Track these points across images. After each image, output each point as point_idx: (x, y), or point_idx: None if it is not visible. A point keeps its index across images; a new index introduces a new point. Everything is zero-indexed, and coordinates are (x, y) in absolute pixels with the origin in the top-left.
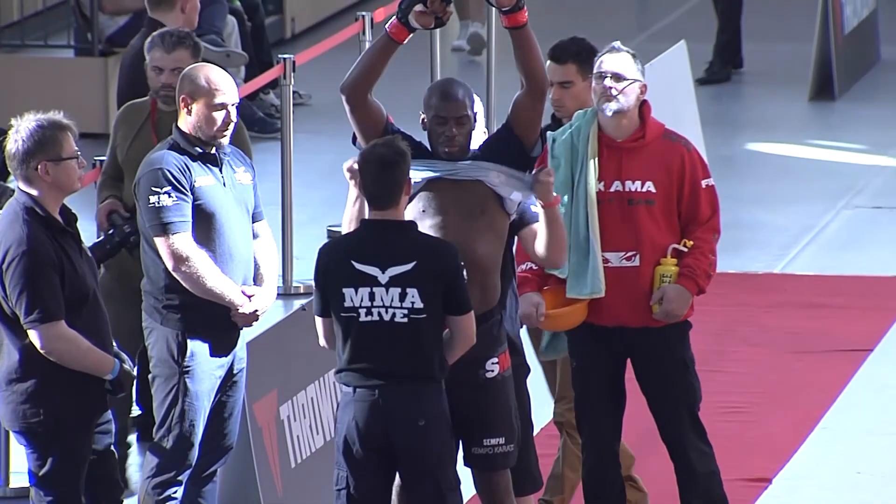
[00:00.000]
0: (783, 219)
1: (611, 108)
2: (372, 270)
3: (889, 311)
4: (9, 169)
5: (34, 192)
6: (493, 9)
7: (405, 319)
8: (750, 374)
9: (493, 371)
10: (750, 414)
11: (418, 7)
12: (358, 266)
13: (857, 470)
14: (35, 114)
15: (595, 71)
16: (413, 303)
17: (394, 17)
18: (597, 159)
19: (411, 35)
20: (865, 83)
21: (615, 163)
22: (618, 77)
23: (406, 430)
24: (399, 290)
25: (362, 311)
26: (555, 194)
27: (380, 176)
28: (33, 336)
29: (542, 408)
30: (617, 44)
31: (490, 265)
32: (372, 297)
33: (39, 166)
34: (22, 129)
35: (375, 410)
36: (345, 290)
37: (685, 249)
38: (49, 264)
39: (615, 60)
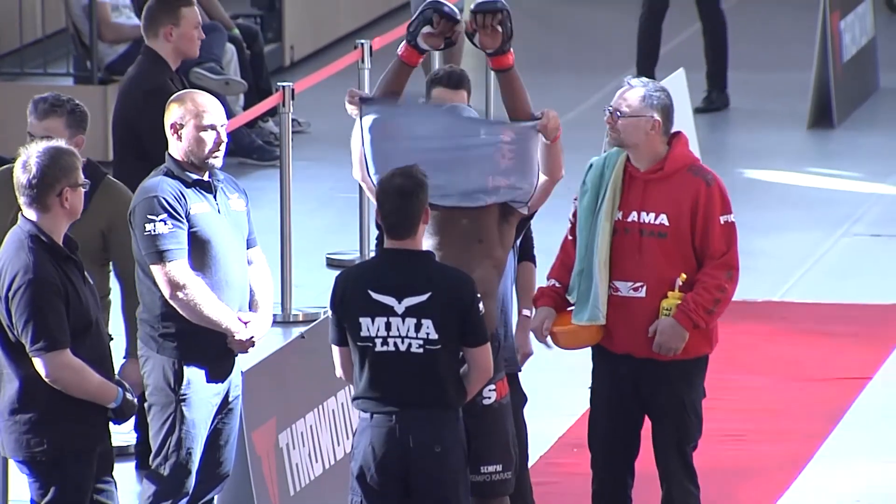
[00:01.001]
0: (782, 246)
1: (608, 141)
2: (388, 300)
3: (888, 339)
4: (20, 198)
5: (42, 221)
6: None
7: (420, 350)
8: (749, 402)
9: (490, 398)
10: (750, 441)
11: (426, 29)
12: (374, 295)
13: (856, 498)
14: (42, 142)
15: None
16: (428, 333)
17: (404, 40)
18: (619, 189)
19: (423, 57)
20: (864, 111)
21: (636, 193)
22: (617, 113)
23: (423, 456)
24: (414, 320)
25: (378, 341)
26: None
27: (398, 206)
28: (39, 364)
29: (538, 437)
30: (632, 79)
31: (485, 290)
32: (388, 326)
33: (62, 192)
34: (38, 156)
35: (392, 436)
36: (361, 319)
37: (681, 283)
38: (55, 292)
39: (623, 96)
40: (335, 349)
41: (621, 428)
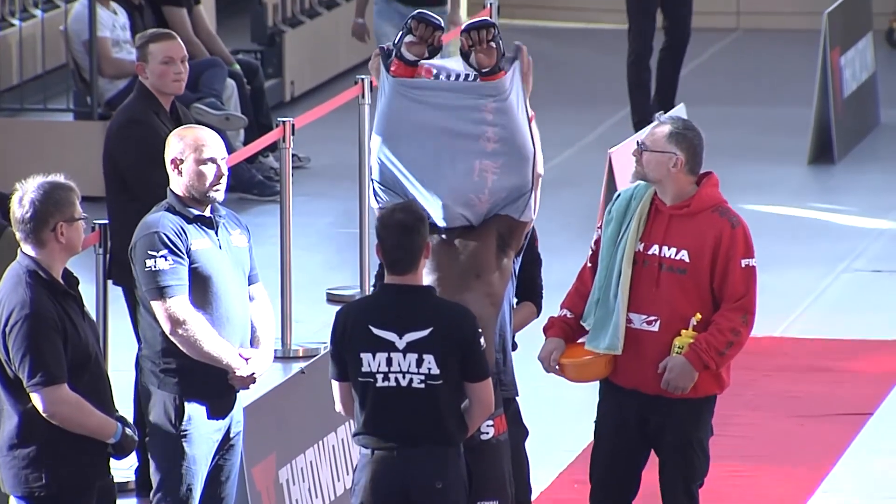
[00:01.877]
0: (783, 282)
1: (633, 173)
2: (389, 336)
3: (889, 375)
4: (16, 233)
5: (40, 256)
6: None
7: (422, 385)
8: (750, 438)
9: (487, 433)
10: (750, 478)
11: (407, 38)
12: (376, 331)
13: None
14: (39, 177)
15: None
16: (430, 369)
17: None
18: (643, 220)
19: (417, 71)
20: (865, 147)
21: (660, 227)
22: (641, 147)
23: (424, 493)
24: (416, 355)
25: (379, 377)
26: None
27: (400, 241)
28: (36, 399)
29: (539, 472)
30: (662, 115)
31: (482, 327)
32: (389, 362)
33: (57, 227)
34: (33, 192)
35: (393, 472)
36: (362, 354)
37: (695, 322)
38: (52, 327)
39: (649, 131)
40: (335, 384)
41: (622, 463)
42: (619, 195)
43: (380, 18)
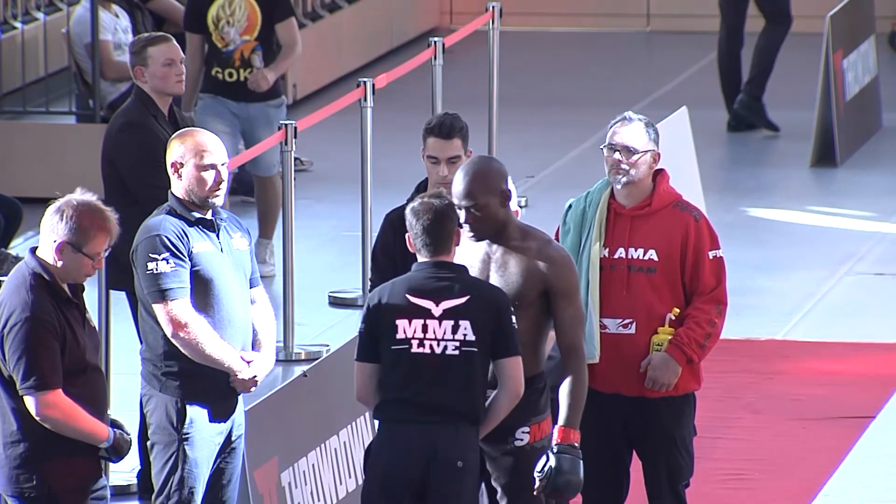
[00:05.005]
0: (785, 285)
1: (621, 180)
2: (426, 303)
3: (891, 378)
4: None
5: (46, 261)
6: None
7: (456, 352)
8: (752, 441)
9: (522, 440)
10: (752, 481)
11: None
12: (412, 299)
13: None
14: (93, 198)
15: (606, 142)
16: (465, 335)
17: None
18: (604, 226)
19: None
20: (867, 150)
21: (622, 230)
22: (628, 151)
23: (444, 470)
24: (452, 322)
25: (414, 343)
26: None
27: (433, 225)
28: (28, 402)
29: None
30: (629, 114)
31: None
32: (425, 328)
33: (58, 241)
34: (78, 200)
35: (416, 447)
36: (398, 321)
37: (673, 318)
38: (51, 332)
39: (626, 133)
40: (359, 367)
41: (610, 469)
42: (570, 205)
43: (206, 114)
